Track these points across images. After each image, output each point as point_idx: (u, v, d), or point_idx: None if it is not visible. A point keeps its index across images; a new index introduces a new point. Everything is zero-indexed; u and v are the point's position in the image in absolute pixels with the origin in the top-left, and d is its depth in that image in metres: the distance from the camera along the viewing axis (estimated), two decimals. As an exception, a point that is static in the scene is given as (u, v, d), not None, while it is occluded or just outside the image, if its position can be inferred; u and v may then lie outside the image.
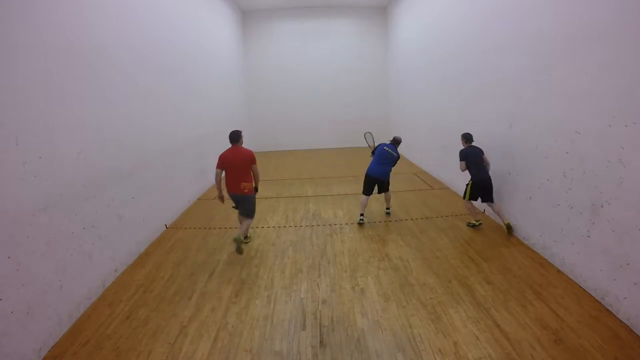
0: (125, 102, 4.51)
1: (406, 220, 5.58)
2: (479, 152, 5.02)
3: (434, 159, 7.92)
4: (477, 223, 5.13)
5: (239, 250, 4.31)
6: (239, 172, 4.49)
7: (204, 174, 7.73)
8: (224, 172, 4.54)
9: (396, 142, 5.69)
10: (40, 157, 3.00)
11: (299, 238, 5.06)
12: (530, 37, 4.31)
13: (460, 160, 5.07)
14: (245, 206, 4.66)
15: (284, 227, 5.51)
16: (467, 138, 5.17)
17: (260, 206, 6.50)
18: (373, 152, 5.72)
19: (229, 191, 4.61)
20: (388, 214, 5.83)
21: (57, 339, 3.05)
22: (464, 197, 5.12)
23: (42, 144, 3.03)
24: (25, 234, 2.81)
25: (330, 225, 5.50)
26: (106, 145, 4.04)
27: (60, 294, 3.15)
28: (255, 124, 12.54)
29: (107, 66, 4.12)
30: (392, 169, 5.61)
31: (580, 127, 3.54)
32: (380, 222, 5.54)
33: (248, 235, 5.02)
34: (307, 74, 12.84)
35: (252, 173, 4.60)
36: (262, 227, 5.50)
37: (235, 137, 4.58)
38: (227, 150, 4.57)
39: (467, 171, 5.07)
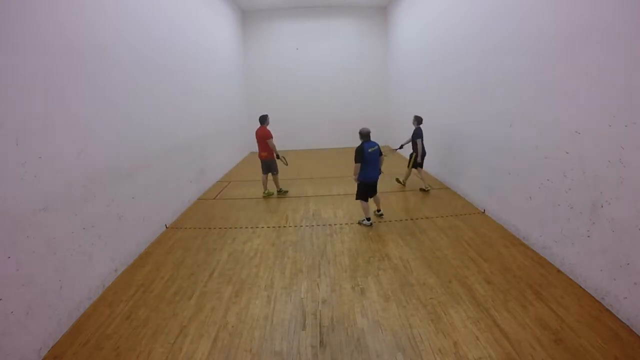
0: (125, 102, 4.52)
1: (406, 220, 5.58)
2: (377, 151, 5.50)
3: (434, 159, 7.91)
4: (427, 188, 6.96)
5: (268, 196, 7.12)
6: (259, 144, 6.92)
7: (204, 174, 7.73)
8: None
9: (368, 135, 5.21)
10: (40, 157, 3.00)
11: (299, 238, 5.06)
12: (530, 37, 4.31)
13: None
14: (266, 166, 7.01)
15: (284, 227, 5.51)
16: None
17: (260, 206, 6.53)
18: (360, 158, 5.10)
19: (259, 157, 7.07)
20: (381, 215, 5.71)
21: (57, 339, 3.05)
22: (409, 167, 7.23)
23: (42, 144, 3.03)
24: (25, 234, 2.81)
25: (330, 225, 5.50)
26: (106, 145, 4.04)
27: (60, 294, 3.15)
28: (255, 124, 12.49)
29: (107, 66, 4.12)
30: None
31: (580, 127, 3.54)
32: (380, 222, 5.54)
33: (281, 188, 7.30)
34: (307, 74, 12.84)
35: (268, 146, 6.78)
36: (262, 227, 5.49)
37: (260, 119, 6.93)
38: (257, 128, 6.98)
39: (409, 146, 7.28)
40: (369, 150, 5.13)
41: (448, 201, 6.44)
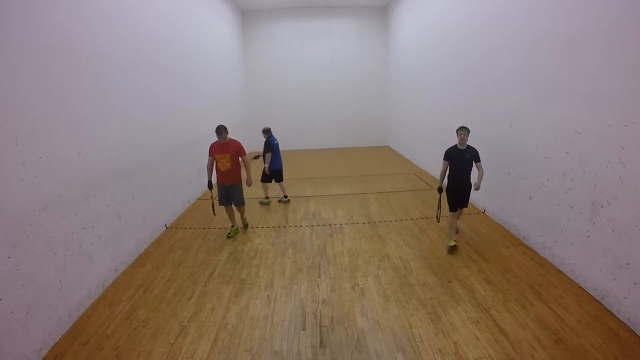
0: (125, 101, 4.51)
1: (406, 220, 5.58)
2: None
3: (434, 158, 7.90)
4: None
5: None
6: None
7: (204, 174, 7.71)
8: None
9: (269, 131, 6.52)
10: (40, 157, 3.00)
11: (299, 238, 5.06)
12: (530, 37, 4.31)
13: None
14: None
15: (284, 227, 5.51)
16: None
17: (260, 206, 6.53)
18: (269, 148, 6.33)
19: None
20: (288, 201, 6.58)
21: (57, 339, 3.05)
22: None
23: (42, 144, 3.03)
24: (25, 234, 2.81)
25: (330, 225, 5.50)
26: (106, 145, 4.04)
27: (60, 294, 3.15)
28: (255, 124, 12.54)
29: (106, 66, 4.12)
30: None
31: (580, 127, 3.54)
32: (380, 222, 5.54)
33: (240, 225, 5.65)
34: (307, 74, 12.84)
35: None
36: (262, 227, 5.49)
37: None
38: None
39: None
40: (275, 142, 6.48)
41: (448, 201, 6.44)
